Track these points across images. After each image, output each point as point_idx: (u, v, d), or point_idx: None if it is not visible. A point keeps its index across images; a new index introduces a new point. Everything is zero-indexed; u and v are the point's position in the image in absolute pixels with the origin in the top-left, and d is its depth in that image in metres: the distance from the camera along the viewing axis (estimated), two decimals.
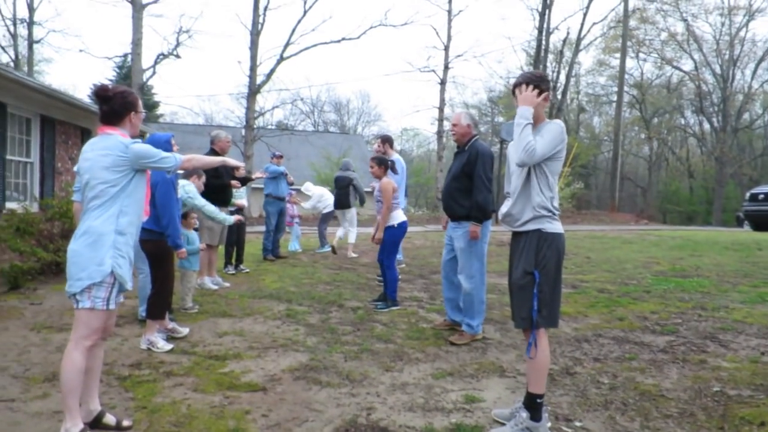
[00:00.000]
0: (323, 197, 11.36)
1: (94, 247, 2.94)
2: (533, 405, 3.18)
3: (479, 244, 4.98)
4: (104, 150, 3.00)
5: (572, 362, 4.39)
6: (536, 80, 3.25)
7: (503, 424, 3.25)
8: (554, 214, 3.25)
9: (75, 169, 3.34)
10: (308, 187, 11.57)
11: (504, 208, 3.38)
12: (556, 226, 3.25)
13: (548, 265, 3.18)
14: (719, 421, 3.30)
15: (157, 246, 4.78)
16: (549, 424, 3.24)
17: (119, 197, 3.00)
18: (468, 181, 4.97)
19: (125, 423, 3.19)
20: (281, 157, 10.10)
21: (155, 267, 4.84)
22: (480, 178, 4.89)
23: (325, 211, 11.35)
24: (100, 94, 3.09)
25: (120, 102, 3.11)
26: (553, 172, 3.25)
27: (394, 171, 6.46)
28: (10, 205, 8.28)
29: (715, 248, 11.41)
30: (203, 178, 6.02)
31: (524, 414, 3.17)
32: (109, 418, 3.18)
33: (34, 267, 7.25)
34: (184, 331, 5.06)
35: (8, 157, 8.58)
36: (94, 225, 2.96)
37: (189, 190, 5.67)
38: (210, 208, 5.82)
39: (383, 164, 6.27)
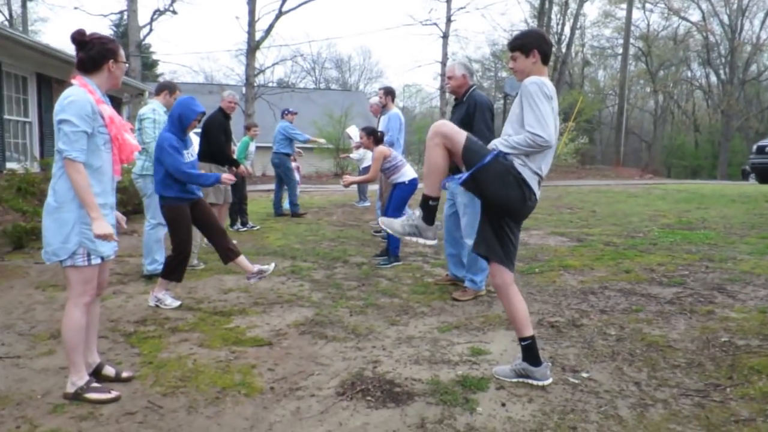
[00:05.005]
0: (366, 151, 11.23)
1: (59, 222, 2.81)
2: None
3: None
4: (56, 105, 2.81)
5: (578, 314, 4.37)
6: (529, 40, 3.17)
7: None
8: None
9: None
10: (353, 130, 11.41)
11: None
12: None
13: None
14: (728, 370, 3.28)
15: (172, 210, 4.62)
16: (549, 371, 3.23)
17: None
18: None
19: (124, 374, 3.21)
20: (295, 113, 10.09)
21: (172, 231, 4.67)
22: (479, 131, 4.68)
23: (364, 165, 11.23)
24: (77, 38, 2.86)
25: (98, 48, 2.88)
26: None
27: (382, 142, 6.34)
28: (10, 165, 8.21)
29: (721, 201, 11.32)
30: (176, 94, 5.65)
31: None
32: (108, 370, 3.19)
33: (37, 227, 7.21)
34: (174, 303, 4.69)
35: (6, 116, 8.47)
36: (57, 188, 2.82)
37: (147, 124, 5.33)
38: (152, 147, 5.23)
39: (373, 134, 6.20)
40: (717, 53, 40.28)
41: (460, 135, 3.07)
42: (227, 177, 4.77)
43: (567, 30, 34.35)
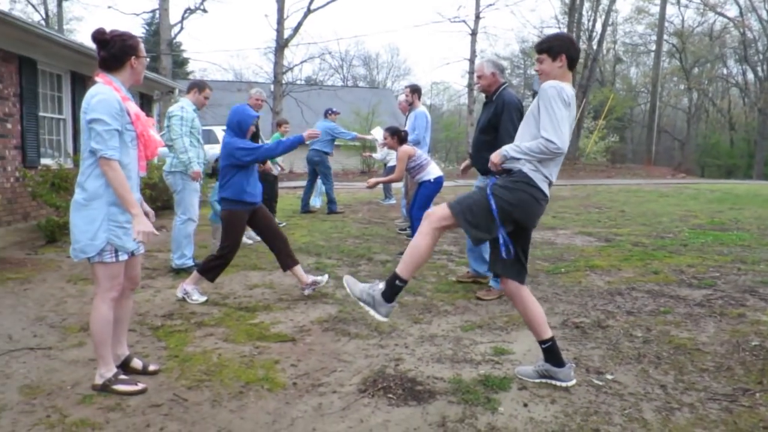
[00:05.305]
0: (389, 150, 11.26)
1: (87, 219, 2.84)
2: None
3: None
4: (83, 103, 2.86)
5: (604, 315, 4.31)
6: (555, 44, 3.14)
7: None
8: None
9: None
10: (378, 131, 11.45)
11: None
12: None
13: None
14: (758, 375, 3.20)
15: (232, 214, 4.67)
16: (573, 374, 3.19)
17: None
18: (496, 134, 4.76)
19: (151, 367, 3.26)
20: (337, 113, 10.34)
21: (224, 235, 4.72)
22: (506, 131, 4.59)
23: (390, 164, 11.27)
24: (98, 38, 2.89)
25: (119, 46, 2.91)
26: None
27: (406, 141, 6.35)
28: (44, 161, 8.41)
29: (756, 201, 11.05)
30: (206, 92, 5.79)
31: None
32: (136, 363, 3.25)
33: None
34: (201, 298, 4.74)
35: (41, 113, 8.66)
36: (86, 186, 2.86)
37: (174, 122, 5.48)
38: (179, 144, 5.47)
39: (396, 134, 6.20)
40: (754, 50, 39.18)
41: (443, 209, 3.05)
42: (311, 133, 4.76)
43: (598, 26, 33.76)
